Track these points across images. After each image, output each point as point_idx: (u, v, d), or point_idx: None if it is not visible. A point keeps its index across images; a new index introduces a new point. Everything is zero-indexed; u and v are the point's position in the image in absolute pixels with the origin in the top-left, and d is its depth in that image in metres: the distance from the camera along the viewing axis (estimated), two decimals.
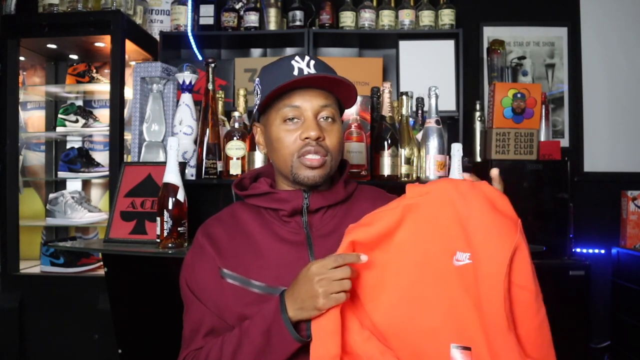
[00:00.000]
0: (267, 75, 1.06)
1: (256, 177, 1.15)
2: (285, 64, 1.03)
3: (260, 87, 1.06)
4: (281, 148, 1.03)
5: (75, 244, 2.06)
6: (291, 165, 1.02)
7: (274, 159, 1.07)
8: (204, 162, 1.83)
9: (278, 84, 0.98)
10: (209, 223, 1.11)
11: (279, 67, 1.04)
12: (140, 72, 1.90)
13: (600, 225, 2.79)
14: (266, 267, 1.00)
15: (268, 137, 1.06)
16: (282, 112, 1.02)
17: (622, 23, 2.92)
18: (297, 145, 1.01)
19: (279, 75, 1.01)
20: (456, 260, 0.85)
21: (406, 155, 1.86)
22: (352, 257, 0.87)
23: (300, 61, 1.02)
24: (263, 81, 1.06)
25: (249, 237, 1.04)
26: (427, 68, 2.72)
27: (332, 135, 1.03)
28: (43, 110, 2.94)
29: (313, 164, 1.00)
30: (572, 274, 2.16)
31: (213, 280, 1.02)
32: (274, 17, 2.74)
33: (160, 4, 2.91)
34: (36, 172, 2.92)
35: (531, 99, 2.14)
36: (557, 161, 2.19)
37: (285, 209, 1.03)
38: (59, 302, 2.43)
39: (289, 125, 1.02)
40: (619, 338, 2.63)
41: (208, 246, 1.05)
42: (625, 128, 2.90)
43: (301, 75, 0.99)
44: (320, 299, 0.85)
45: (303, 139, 1.01)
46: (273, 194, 1.06)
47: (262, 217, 1.07)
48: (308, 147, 1.00)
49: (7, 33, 2.50)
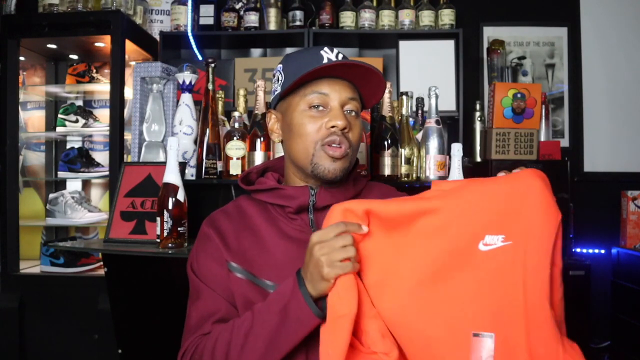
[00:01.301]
0: (293, 62, 1.03)
1: (263, 172, 1.13)
2: (314, 53, 1.00)
3: (282, 73, 1.03)
4: (304, 134, 0.99)
5: (75, 244, 2.06)
6: (313, 154, 0.99)
7: (292, 147, 1.03)
8: (204, 162, 1.83)
9: (308, 69, 0.96)
10: (215, 215, 1.08)
11: (307, 54, 1.01)
12: (140, 72, 1.90)
13: (600, 225, 2.79)
14: (272, 264, 0.98)
15: (288, 123, 1.03)
16: (308, 98, 0.99)
17: (622, 23, 2.92)
18: (321, 133, 0.98)
19: (308, 62, 0.98)
20: (484, 244, 0.82)
21: (406, 155, 1.86)
22: (354, 226, 0.84)
23: (329, 52, 1.00)
24: (288, 67, 1.02)
25: (255, 232, 1.02)
26: (427, 68, 2.72)
27: (355, 129, 1.02)
28: (43, 110, 2.94)
29: (336, 154, 0.98)
30: (572, 274, 2.16)
31: (222, 270, 1.00)
32: (274, 17, 2.74)
33: (160, 4, 2.91)
34: (36, 172, 2.92)
35: (531, 99, 2.14)
36: (557, 161, 2.19)
37: (292, 205, 1.01)
38: (59, 302, 2.43)
39: (313, 112, 0.99)
40: (619, 338, 2.62)
41: (215, 237, 1.03)
42: (625, 128, 2.90)
43: (329, 62, 0.97)
44: (324, 268, 0.81)
45: (329, 127, 0.98)
46: (280, 190, 1.03)
47: (268, 212, 1.05)
48: (333, 137, 0.98)
49: (7, 33, 2.50)
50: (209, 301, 0.99)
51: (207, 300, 1.00)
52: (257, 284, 0.97)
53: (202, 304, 1.00)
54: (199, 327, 0.98)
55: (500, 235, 0.81)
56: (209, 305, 0.99)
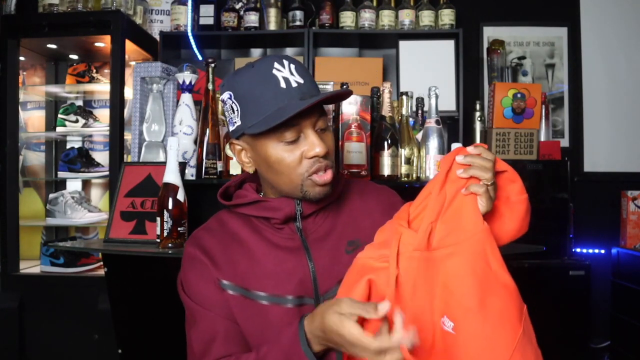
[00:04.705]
0: (247, 92, 0.93)
1: (241, 184, 1.09)
2: (268, 76, 0.92)
3: (236, 103, 0.95)
4: (285, 170, 0.95)
5: (75, 244, 2.06)
6: (301, 185, 0.95)
7: (274, 180, 0.98)
8: (204, 162, 1.83)
9: (268, 108, 0.91)
10: (197, 234, 1.04)
11: (262, 81, 0.92)
12: (140, 72, 1.90)
13: (600, 225, 2.79)
14: (264, 275, 0.96)
15: (262, 158, 0.97)
16: (279, 133, 0.92)
17: (622, 23, 2.92)
18: (304, 165, 0.94)
19: (266, 93, 0.92)
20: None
21: (406, 155, 1.86)
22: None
23: (281, 69, 0.93)
24: (243, 99, 0.94)
25: (242, 245, 0.99)
26: (427, 68, 2.72)
27: (330, 143, 0.97)
28: (43, 110, 2.94)
29: (326, 181, 0.95)
30: (572, 274, 2.16)
31: (214, 289, 0.97)
32: (274, 17, 2.74)
33: (160, 4, 2.91)
34: (36, 172, 2.92)
35: (531, 99, 2.15)
36: (557, 161, 2.19)
37: (278, 217, 0.98)
38: (59, 302, 2.43)
39: (288, 145, 0.94)
40: (619, 338, 2.62)
41: (202, 256, 0.99)
42: (625, 128, 2.90)
43: (289, 87, 0.92)
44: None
45: (310, 157, 0.94)
46: (263, 202, 1.00)
47: (252, 224, 1.02)
48: (318, 165, 0.94)
49: (7, 33, 2.50)
50: (206, 323, 0.96)
51: (204, 323, 0.96)
52: (250, 297, 0.95)
53: (200, 328, 0.97)
54: (205, 354, 0.95)
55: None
56: (208, 328, 0.96)
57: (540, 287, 2.17)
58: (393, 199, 1.10)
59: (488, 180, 0.85)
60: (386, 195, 1.11)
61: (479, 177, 0.85)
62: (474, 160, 0.87)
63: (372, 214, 1.06)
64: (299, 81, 0.93)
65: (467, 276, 0.81)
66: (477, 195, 0.86)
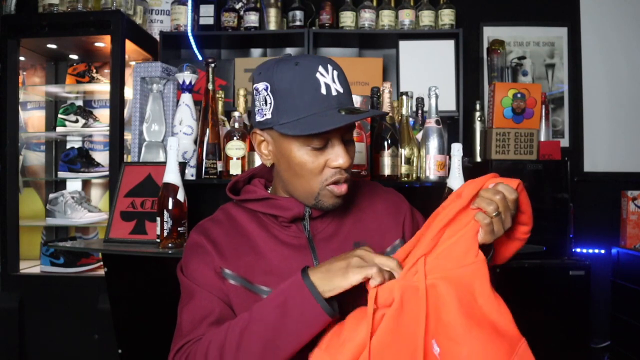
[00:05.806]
0: (286, 89, 0.91)
1: (249, 179, 1.09)
2: (311, 79, 0.90)
3: (272, 97, 0.92)
4: (306, 174, 0.94)
5: (75, 244, 2.06)
6: (318, 193, 0.95)
7: (290, 182, 0.98)
8: (204, 162, 1.83)
9: (303, 110, 0.90)
10: (204, 224, 1.04)
11: (303, 82, 0.91)
12: (140, 72, 1.90)
13: (600, 225, 2.79)
14: (269, 270, 0.96)
15: (284, 156, 0.96)
16: (308, 139, 0.91)
17: (622, 23, 2.92)
18: (325, 173, 0.94)
19: (305, 96, 0.90)
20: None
21: (406, 155, 1.86)
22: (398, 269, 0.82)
23: (325, 74, 0.92)
24: (280, 94, 0.92)
25: (248, 238, 1.00)
26: (427, 68, 2.72)
27: (352, 156, 0.97)
28: (43, 110, 2.94)
29: (342, 192, 0.95)
30: (572, 274, 2.16)
31: (215, 278, 0.96)
32: (274, 17, 2.74)
33: (160, 4, 2.91)
34: (36, 172, 2.92)
35: (531, 99, 2.15)
36: (557, 161, 2.19)
37: (286, 216, 0.99)
38: (59, 302, 2.43)
39: (314, 151, 0.93)
40: (619, 338, 2.63)
41: (207, 244, 0.98)
42: (625, 128, 2.90)
43: (329, 94, 0.91)
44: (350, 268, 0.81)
45: (333, 166, 0.93)
46: (272, 200, 1.00)
47: (259, 219, 1.02)
48: (338, 176, 0.94)
49: (7, 33, 2.50)
50: (202, 302, 0.94)
51: (200, 301, 0.95)
52: (252, 290, 0.95)
53: (194, 305, 0.95)
54: (192, 330, 0.93)
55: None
56: (203, 306, 0.94)
57: (540, 287, 2.17)
58: (400, 202, 1.12)
59: (490, 212, 0.82)
60: (393, 198, 1.12)
61: (482, 208, 0.83)
62: (482, 192, 0.85)
63: (379, 216, 1.07)
64: (339, 90, 0.93)
65: (452, 305, 0.80)
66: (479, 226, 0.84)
